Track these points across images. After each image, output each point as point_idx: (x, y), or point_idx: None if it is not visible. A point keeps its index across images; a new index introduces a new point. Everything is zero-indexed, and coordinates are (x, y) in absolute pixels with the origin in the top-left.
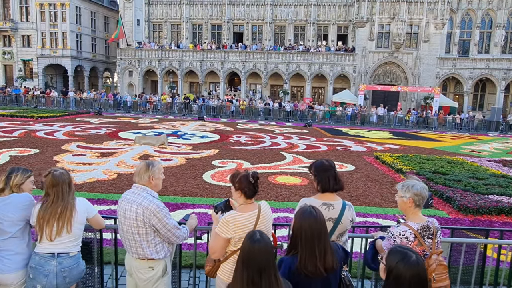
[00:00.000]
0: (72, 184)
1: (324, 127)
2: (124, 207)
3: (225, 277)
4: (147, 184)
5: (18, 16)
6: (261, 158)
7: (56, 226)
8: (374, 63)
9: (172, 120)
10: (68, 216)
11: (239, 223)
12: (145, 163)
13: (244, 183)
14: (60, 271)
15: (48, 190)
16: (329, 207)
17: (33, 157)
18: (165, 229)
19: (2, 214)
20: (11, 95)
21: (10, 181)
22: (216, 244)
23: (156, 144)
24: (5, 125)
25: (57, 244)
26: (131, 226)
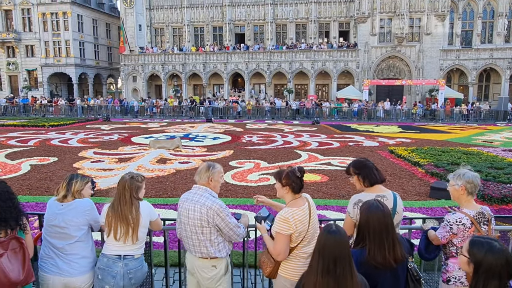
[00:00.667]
0: (141, 188)
1: (332, 123)
2: (187, 207)
3: (288, 275)
4: (206, 184)
5: (21, 26)
6: (276, 157)
7: (125, 229)
8: (377, 58)
9: (181, 123)
10: (134, 220)
11: (297, 218)
12: (206, 164)
13: (292, 178)
14: (126, 273)
15: (119, 193)
16: (383, 199)
17: (53, 165)
18: (228, 228)
19: (68, 219)
20: (19, 105)
21: (71, 188)
22: (281, 245)
23: (171, 147)
24: (19, 135)
25: (123, 246)
26: (195, 226)
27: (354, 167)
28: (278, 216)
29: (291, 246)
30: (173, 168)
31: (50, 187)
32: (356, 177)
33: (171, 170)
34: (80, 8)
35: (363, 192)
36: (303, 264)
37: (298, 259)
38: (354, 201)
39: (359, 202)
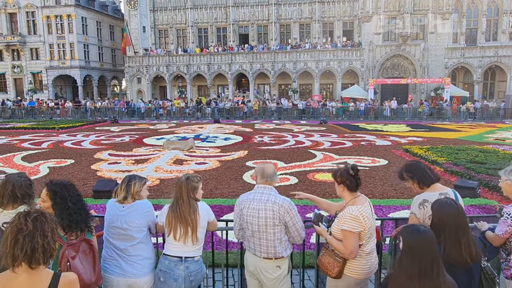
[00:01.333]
0: (198, 189)
1: (339, 123)
2: (256, 207)
3: (354, 274)
4: (270, 184)
5: (25, 29)
6: (292, 157)
7: (185, 229)
8: (381, 57)
9: (189, 124)
10: (193, 220)
11: (365, 215)
12: (272, 166)
13: (345, 176)
14: (188, 276)
15: (177, 194)
16: (445, 196)
17: (71, 168)
18: (294, 227)
19: (129, 221)
20: (26, 107)
21: (131, 189)
22: (352, 243)
23: (185, 148)
24: (31, 137)
25: (183, 247)
26: (266, 225)
27: (407, 171)
28: (347, 214)
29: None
30: (191, 169)
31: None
32: (411, 182)
33: (189, 171)
34: (84, 10)
35: (425, 192)
36: (366, 262)
37: (362, 257)
38: (419, 201)
39: (425, 202)
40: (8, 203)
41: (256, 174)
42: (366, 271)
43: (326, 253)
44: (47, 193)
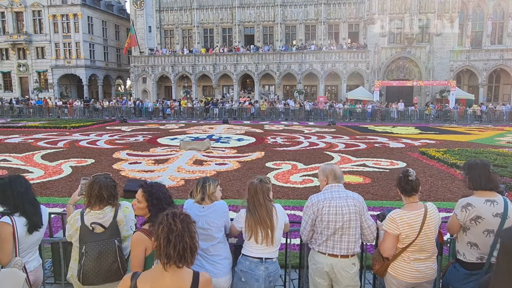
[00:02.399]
0: (270, 190)
1: (348, 124)
2: (339, 204)
3: (395, 273)
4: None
5: (31, 28)
6: (310, 159)
7: (265, 232)
8: (387, 59)
9: (198, 125)
10: (271, 222)
11: (405, 221)
12: (337, 166)
13: (400, 180)
14: (267, 276)
15: (252, 198)
16: (492, 203)
17: (93, 167)
18: (366, 223)
19: (210, 221)
20: (34, 106)
21: (207, 191)
22: (387, 242)
23: (202, 148)
24: (45, 136)
25: (264, 249)
26: (350, 221)
27: (469, 166)
28: (388, 215)
29: (400, 247)
30: (213, 170)
31: None
32: (466, 178)
33: (211, 171)
34: (90, 9)
35: (471, 196)
36: (410, 267)
37: (407, 262)
38: (463, 204)
39: (468, 205)
40: (95, 203)
41: (326, 176)
42: (411, 275)
43: (376, 250)
44: (143, 194)
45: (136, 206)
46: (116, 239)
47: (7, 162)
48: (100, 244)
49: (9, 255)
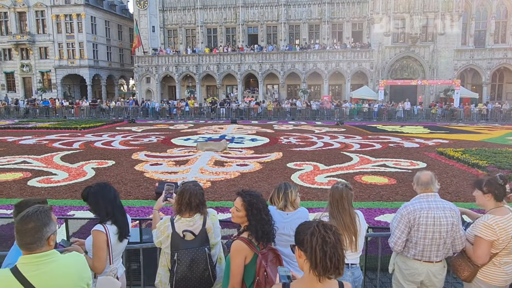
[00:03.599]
0: (353, 196)
1: (355, 124)
2: (437, 215)
3: (487, 279)
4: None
5: (34, 28)
6: (329, 159)
7: (349, 238)
8: (391, 58)
9: (207, 125)
10: (354, 229)
11: (501, 226)
12: (431, 173)
13: (494, 186)
14: (353, 281)
15: (336, 203)
16: None
17: (115, 169)
18: (459, 234)
19: (295, 228)
20: (40, 107)
21: (289, 197)
22: (482, 250)
23: (219, 149)
24: (58, 137)
25: (348, 255)
26: (447, 231)
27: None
28: (481, 222)
29: (493, 252)
30: (237, 171)
31: (132, 192)
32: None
33: (235, 173)
34: (93, 9)
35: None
36: (501, 270)
37: (497, 266)
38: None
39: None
40: (185, 210)
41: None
42: (501, 279)
43: (459, 256)
44: (242, 203)
45: (234, 214)
46: (206, 247)
47: (28, 164)
48: (192, 252)
49: (104, 263)
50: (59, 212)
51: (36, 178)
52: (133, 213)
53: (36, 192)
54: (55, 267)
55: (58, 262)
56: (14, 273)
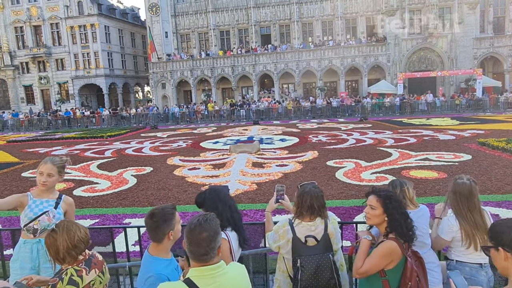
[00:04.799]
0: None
1: (379, 119)
2: None
3: None
4: None
5: (50, 41)
6: (368, 156)
7: (482, 238)
8: (407, 51)
9: (230, 127)
10: (486, 228)
11: None
12: None
13: None
14: (488, 281)
15: (466, 200)
16: None
17: (155, 175)
18: None
19: (420, 227)
20: (62, 117)
21: (406, 194)
22: None
23: (253, 151)
24: (87, 146)
25: (481, 254)
26: None
27: None
28: None
29: None
30: (279, 172)
31: (181, 197)
32: None
33: (277, 173)
34: (106, 19)
35: None
36: None
37: None
38: None
39: None
40: (306, 214)
41: None
42: None
43: None
44: (377, 199)
45: (369, 214)
46: (330, 254)
47: (68, 174)
48: (316, 259)
49: None
50: (115, 220)
51: (80, 188)
52: (187, 219)
53: (84, 202)
54: (228, 279)
55: (229, 274)
56: (190, 286)
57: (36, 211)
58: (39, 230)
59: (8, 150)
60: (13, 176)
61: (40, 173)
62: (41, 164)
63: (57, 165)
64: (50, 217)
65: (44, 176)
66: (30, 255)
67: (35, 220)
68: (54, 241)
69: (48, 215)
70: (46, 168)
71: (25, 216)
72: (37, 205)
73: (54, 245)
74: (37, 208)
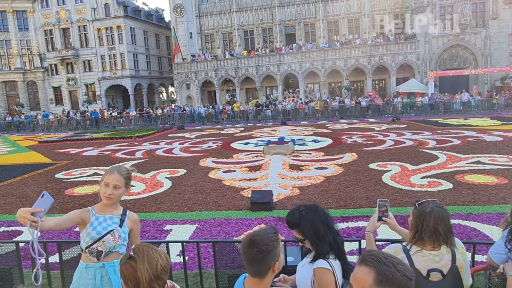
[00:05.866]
0: None
1: (413, 119)
2: None
3: None
4: None
5: (78, 43)
6: (412, 158)
7: None
8: (438, 48)
9: (257, 128)
10: None
11: None
12: None
13: None
14: None
15: None
16: None
17: (190, 177)
18: None
19: None
20: (90, 118)
21: None
22: None
23: (287, 152)
24: (117, 147)
25: None
26: None
27: None
28: None
29: None
30: (319, 175)
31: (221, 202)
32: None
33: (319, 177)
34: (132, 21)
35: None
36: None
37: None
38: None
39: None
40: (428, 241)
41: None
42: None
43: None
44: None
45: None
46: None
47: (101, 176)
48: None
49: None
50: (155, 227)
51: None
52: (232, 226)
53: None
54: None
55: None
56: None
57: (99, 230)
58: (103, 253)
59: (40, 150)
60: (47, 178)
61: (106, 185)
62: (107, 174)
63: (124, 175)
64: (116, 237)
65: (110, 188)
66: (93, 282)
67: (99, 241)
68: (134, 271)
69: (113, 235)
70: (113, 179)
71: (87, 236)
72: (100, 223)
73: (133, 277)
74: (100, 227)
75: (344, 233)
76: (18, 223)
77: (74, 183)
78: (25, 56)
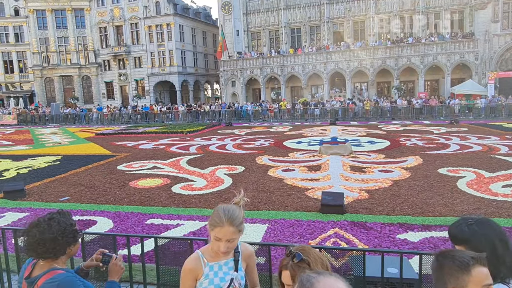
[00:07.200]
0: None
1: (473, 122)
2: None
3: None
4: None
5: (130, 40)
6: (486, 165)
7: None
8: (500, 47)
9: (306, 126)
10: None
11: None
12: None
13: None
14: None
15: None
16: None
17: (249, 175)
18: None
19: None
20: (142, 112)
21: None
22: None
23: (345, 153)
24: (170, 142)
25: None
26: None
27: None
28: None
29: None
30: (387, 179)
31: (288, 202)
32: None
33: (386, 180)
34: (181, 18)
35: None
36: None
37: None
38: None
39: None
40: None
41: None
42: None
43: None
44: None
45: None
46: None
47: (160, 170)
48: None
49: None
50: None
51: (177, 185)
52: (305, 228)
53: (187, 201)
54: None
55: None
56: None
57: (217, 283)
58: None
59: (98, 142)
60: (110, 169)
61: (217, 239)
62: (217, 227)
63: (238, 224)
64: (236, 287)
65: (223, 243)
66: None
67: None
68: None
69: (233, 285)
70: (225, 234)
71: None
72: (216, 273)
73: None
74: (217, 278)
75: (430, 244)
76: (91, 212)
77: (136, 175)
78: (81, 52)
